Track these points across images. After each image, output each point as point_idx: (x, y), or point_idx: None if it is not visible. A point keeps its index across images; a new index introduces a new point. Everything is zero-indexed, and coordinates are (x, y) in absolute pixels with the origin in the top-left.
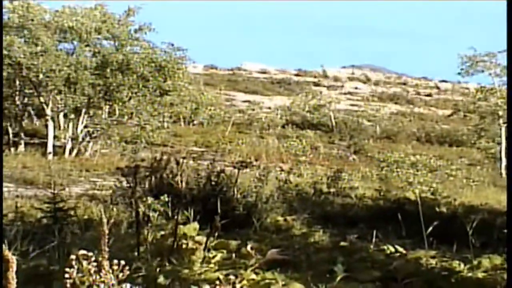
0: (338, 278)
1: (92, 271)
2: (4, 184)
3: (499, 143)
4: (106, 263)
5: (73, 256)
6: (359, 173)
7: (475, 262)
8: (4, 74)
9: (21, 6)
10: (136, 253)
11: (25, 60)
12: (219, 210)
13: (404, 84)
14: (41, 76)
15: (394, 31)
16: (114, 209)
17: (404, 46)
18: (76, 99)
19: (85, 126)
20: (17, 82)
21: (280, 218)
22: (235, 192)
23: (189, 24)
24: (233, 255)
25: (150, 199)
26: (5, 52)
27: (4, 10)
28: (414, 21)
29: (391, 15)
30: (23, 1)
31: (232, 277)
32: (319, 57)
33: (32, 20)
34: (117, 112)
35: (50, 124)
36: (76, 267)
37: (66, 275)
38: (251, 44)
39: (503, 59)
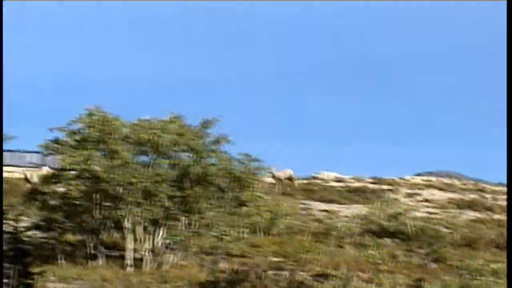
0: None
1: None
2: None
3: None
4: None
5: None
6: (440, 281)
7: None
8: (83, 187)
9: (99, 120)
10: None
11: (103, 173)
12: None
13: (481, 190)
14: (119, 189)
15: (468, 136)
16: None
17: (480, 151)
18: (154, 211)
19: (164, 238)
20: (95, 195)
21: None
22: None
23: (264, 132)
24: None
25: None
26: (84, 166)
27: (81, 125)
28: (488, 126)
29: (462, 118)
30: (100, 115)
31: None
32: (393, 164)
33: (111, 134)
34: (194, 223)
35: (129, 236)
36: None
37: None
38: (326, 152)
39: None
